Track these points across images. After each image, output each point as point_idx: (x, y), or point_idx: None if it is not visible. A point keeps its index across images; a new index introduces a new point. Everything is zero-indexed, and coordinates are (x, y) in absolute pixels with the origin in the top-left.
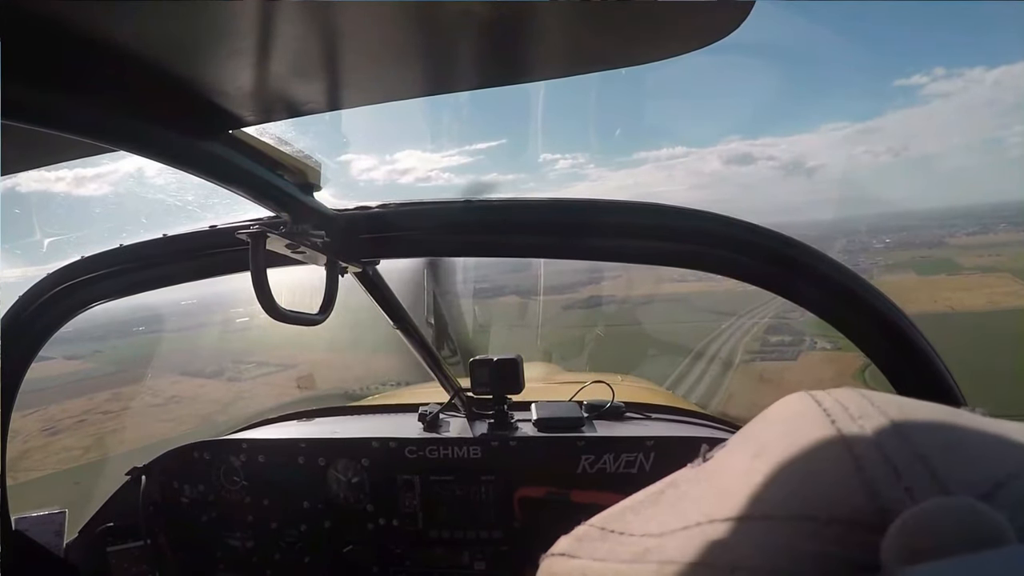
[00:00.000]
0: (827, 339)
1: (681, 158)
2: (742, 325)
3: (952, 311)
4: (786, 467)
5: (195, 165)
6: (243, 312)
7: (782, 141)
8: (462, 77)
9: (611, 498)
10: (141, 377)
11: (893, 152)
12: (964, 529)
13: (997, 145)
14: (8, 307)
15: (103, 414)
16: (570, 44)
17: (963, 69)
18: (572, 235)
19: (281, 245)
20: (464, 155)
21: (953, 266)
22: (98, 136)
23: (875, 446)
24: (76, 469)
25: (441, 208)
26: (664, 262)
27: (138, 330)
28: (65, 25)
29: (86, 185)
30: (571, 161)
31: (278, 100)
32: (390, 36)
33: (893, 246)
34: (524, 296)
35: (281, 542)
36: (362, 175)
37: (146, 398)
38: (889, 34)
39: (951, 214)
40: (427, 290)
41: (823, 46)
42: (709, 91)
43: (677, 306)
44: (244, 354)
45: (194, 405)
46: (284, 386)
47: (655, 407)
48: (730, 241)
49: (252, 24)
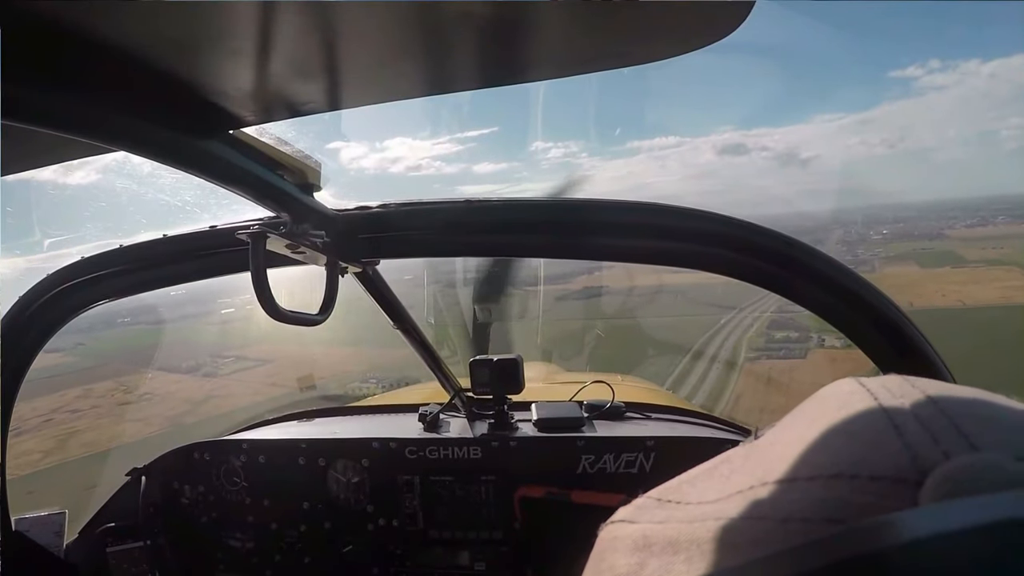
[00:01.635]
0: (835, 335)
1: (674, 148)
2: (743, 319)
3: (964, 306)
4: (831, 435)
5: (195, 165)
6: (229, 303)
7: (776, 132)
8: (462, 77)
9: (611, 498)
10: (117, 372)
11: (888, 144)
12: (995, 479)
13: (992, 138)
14: (8, 307)
15: (71, 413)
16: (570, 44)
17: (958, 61)
18: (572, 235)
19: (281, 245)
20: (455, 143)
21: (957, 258)
22: (98, 136)
23: (914, 416)
24: (30, 476)
25: (441, 208)
26: (664, 262)
27: (123, 321)
28: (65, 25)
29: (86, 185)
30: (564, 150)
31: (278, 100)
32: (390, 36)
33: (891, 237)
34: (516, 288)
35: (281, 542)
36: (352, 163)
37: (118, 395)
38: (884, 26)
39: (947, 206)
40: (427, 290)
41: (818, 38)
42: (704, 82)
43: (675, 299)
44: (224, 348)
45: (164, 404)
46: (258, 384)
47: (655, 407)
48: (730, 240)
49: (252, 24)
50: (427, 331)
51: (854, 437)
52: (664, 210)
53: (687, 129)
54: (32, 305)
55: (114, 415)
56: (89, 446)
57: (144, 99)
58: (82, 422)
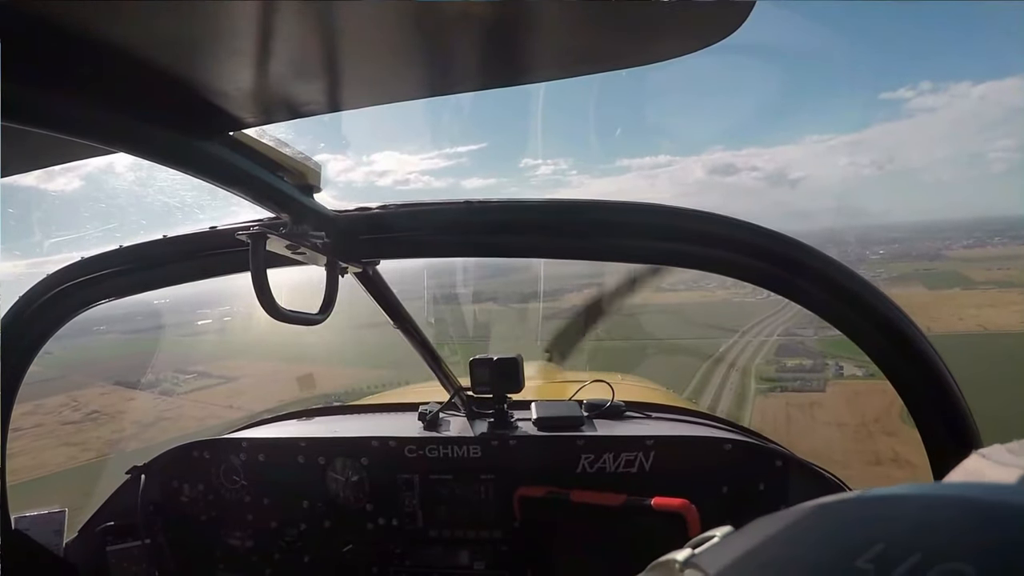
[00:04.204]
0: (854, 362)
1: (665, 167)
2: (748, 343)
3: (985, 331)
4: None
5: (195, 166)
6: (208, 314)
7: (766, 152)
8: (462, 78)
9: (611, 497)
10: (74, 386)
11: (877, 165)
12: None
13: (980, 160)
14: (8, 307)
15: (13, 431)
16: (570, 45)
17: (949, 83)
18: (572, 235)
19: (281, 246)
20: (444, 158)
21: (964, 280)
22: (98, 137)
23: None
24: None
25: (441, 209)
26: (664, 262)
27: (98, 329)
28: (65, 26)
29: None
30: (553, 167)
31: (278, 101)
32: (390, 37)
33: (888, 257)
34: (502, 303)
35: (281, 541)
36: (340, 176)
37: (65, 412)
38: (877, 48)
39: (940, 227)
40: (427, 290)
41: (810, 59)
42: (695, 101)
43: (670, 319)
44: (190, 362)
45: (109, 426)
46: (215, 406)
47: (655, 406)
48: (731, 242)
49: (252, 24)
50: (427, 331)
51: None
52: (664, 211)
53: (677, 148)
54: (32, 305)
55: (54, 436)
56: (12, 474)
57: (144, 101)
58: (19, 443)
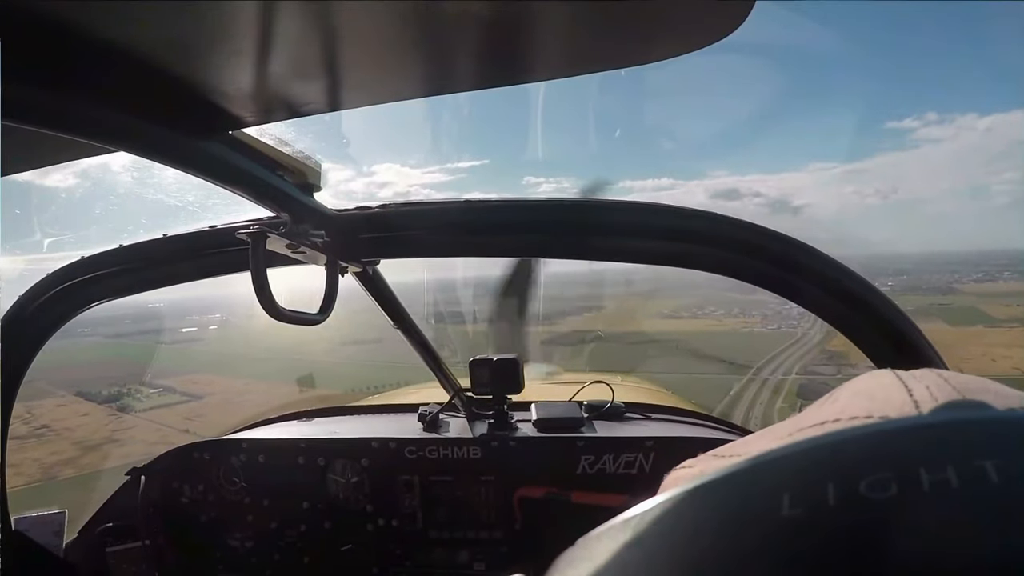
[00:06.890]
0: None
1: (667, 190)
2: (765, 381)
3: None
4: (854, 396)
5: (195, 165)
6: (196, 321)
7: (770, 178)
8: (462, 77)
9: (611, 499)
10: (34, 394)
11: (881, 194)
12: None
13: (984, 192)
14: (8, 307)
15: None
16: (570, 44)
17: (955, 115)
18: (572, 235)
19: (281, 245)
20: (446, 172)
21: (984, 317)
22: (98, 136)
23: (925, 386)
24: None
25: (441, 208)
26: (664, 262)
27: (81, 331)
28: (65, 25)
29: (86, 185)
30: (555, 185)
31: (278, 100)
32: (390, 36)
33: (899, 289)
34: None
35: (280, 542)
36: (339, 186)
37: (14, 425)
38: (883, 77)
39: (943, 259)
40: (427, 290)
41: (815, 86)
42: (700, 126)
43: (674, 353)
44: (159, 374)
45: (52, 445)
46: (168, 428)
47: (655, 407)
48: (731, 241)
49: (252, 24)
50: (427, 331)
51: (873, 398)
52: (665, 210)
53: (681, 172)
54: (32, 305)
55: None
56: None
57: (144, 100)
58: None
